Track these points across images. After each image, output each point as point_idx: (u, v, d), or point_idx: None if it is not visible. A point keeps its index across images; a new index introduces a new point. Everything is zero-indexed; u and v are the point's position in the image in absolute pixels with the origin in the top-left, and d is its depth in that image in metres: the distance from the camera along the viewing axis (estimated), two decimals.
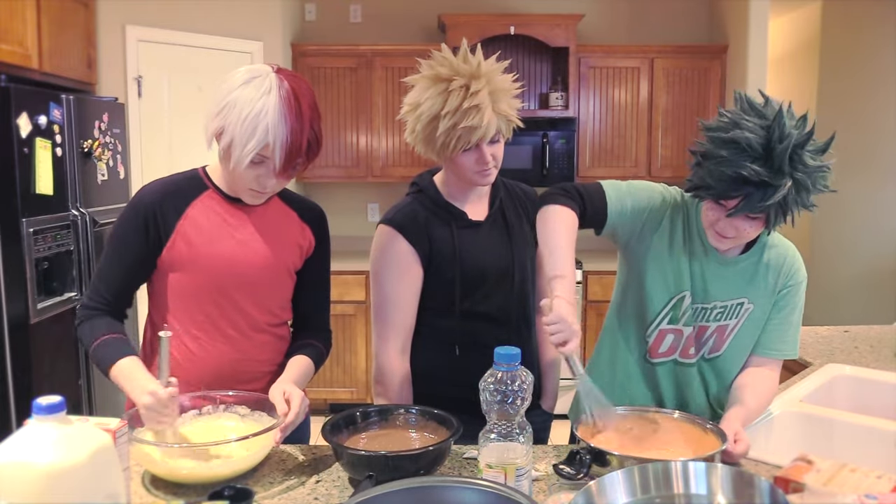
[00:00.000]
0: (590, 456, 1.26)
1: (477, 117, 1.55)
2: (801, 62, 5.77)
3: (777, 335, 1.59)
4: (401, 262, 1.66)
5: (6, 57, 2.90)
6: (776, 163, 1.31)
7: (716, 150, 1.36)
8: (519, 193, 1.82)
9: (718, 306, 1.55)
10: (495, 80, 1.59)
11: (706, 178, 1.38)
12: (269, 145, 1.41)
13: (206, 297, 1.53)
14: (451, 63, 1.59)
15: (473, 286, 1.68)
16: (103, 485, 0.97)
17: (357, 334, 4.33)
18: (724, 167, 1.34)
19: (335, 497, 1.29)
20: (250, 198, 1.53)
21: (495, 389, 1.16)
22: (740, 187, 1.33)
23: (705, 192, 1.40)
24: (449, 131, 1.57)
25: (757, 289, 1.56)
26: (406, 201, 1.72)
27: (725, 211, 1.39)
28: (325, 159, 4.58)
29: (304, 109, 1.44)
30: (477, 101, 1.55)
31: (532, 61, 4.78)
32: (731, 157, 1.33)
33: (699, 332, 1.58)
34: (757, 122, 1.33)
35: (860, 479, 1.16)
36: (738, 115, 1.36)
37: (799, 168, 1.32)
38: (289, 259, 1.60)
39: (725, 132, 1.35)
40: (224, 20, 4.02)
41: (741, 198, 1.34)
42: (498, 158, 1.65)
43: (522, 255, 1.75)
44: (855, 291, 5.57)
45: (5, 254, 2.77)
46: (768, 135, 1.31)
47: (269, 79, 1.42)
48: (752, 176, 1.31)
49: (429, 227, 1.67)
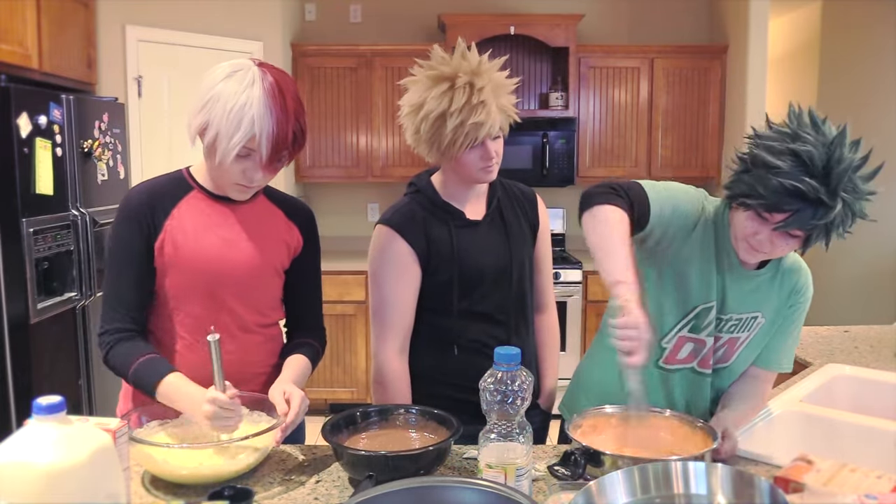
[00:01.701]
0: (584, 457, 1.26)
1: (483, 113, 1.56)
2: (801, 62, 5.77)
3: (778, 349, 1.59)
4: (399, 262, 1.66)
5: (6, 57, 2.90)
6: (833, 183, 1.28)
7: (772, 158, 1.31)
8: (517, 193, 1.82)
9: (734, 318, 1.54)
10: (495, 76, 1.61)
11: (756, 187, 1.32)
12: (255, 137, 1.40)
13: (195, 298, 1.52)
14: (452, 61, 1.60)
15: (472, 286, 1.68)
16: (103, 485, 0.97)
17: (357, 334, 4.33)
18: (781, 178, 1.29)
19: (335, 497, 1.29)
20: (237, 193, 1.52)
21: (495, 389, 1.16)
22: (794, 201, 1.29)
23: (753, 202, 1.34)
24: (457, 129, 1.57)
25: (770, 303, 1.55)
26: (404, 201, 1.72)
27: (768, 224, 1.34)
28: (325, 159, 4.59)
29: (289, 101, 1.43)
30: (483, 96, 1.56)
31: (532, 61, 4.78)
32: (790, 169, 1.29)
33: (713, 343, 1.57)
34: (818, 138, 1.30)
35: (860, 479, 1.16)
36: (798, 128, 1.32)
37: (850, 192, 1.30)
38: (276, 257, 1.59)
39: (786, 142, 1.31)
40: (224, 20, 4.02)
41: (792, 213, 1.30)
42: (500, 154, 1.66)
43: (521, 254, 1.75)
44: (855, 291, 5.57)
45: (5, 254, 2.77)
46: (829, 153, 1.28)
47: (252, 72, 1.42)
48: (809, 192, 1.27)
49: (427, 227, 1.67)
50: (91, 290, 3.25)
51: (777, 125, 1.37)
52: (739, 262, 1.50)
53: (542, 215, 1.84)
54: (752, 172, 1.35)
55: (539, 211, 1.83)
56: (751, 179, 1.34)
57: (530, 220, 1.81)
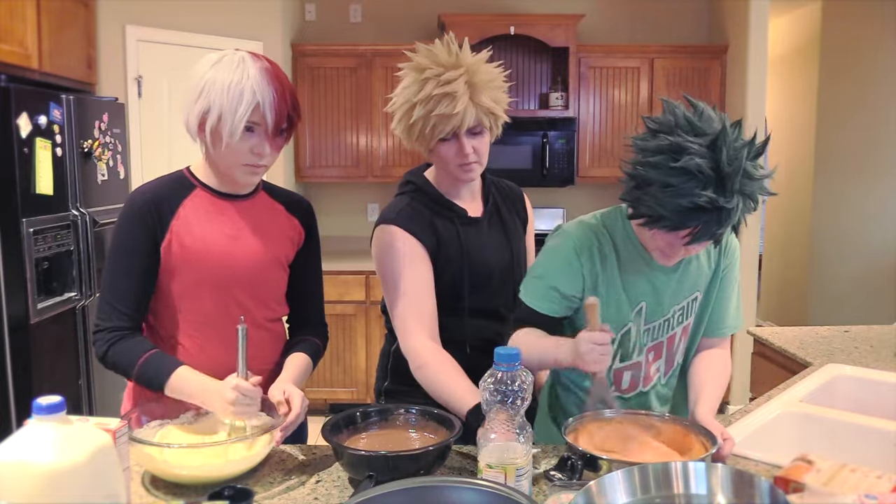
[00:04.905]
0: (581, 462, 1.25)
1: (450, 105, 1.53)
2: (801, 62, 5.77)
3: (724, 313, 1.60)
4: (411, 253, 1.61)
5: (6, 57, 2.90)
6: (728, 185, 1.25)
7: (663, 178, 1.26)
8: (506, 189, 1.82)
9: (676, 310, 1.55)
10: (476, 71, 1.56)
11: (656, 209, 1.29)
12: (259, 105, 1.43)
13: (203, 294, 1.52)
14: (430, 53, 1.59)
15: (481, 283, 1.67)
16: (103, 485, 0.97)
17: (357, 334, 4.32)
18: (676, 198, 1.25)
19: (335, 497, 1.29)
20: (246, 175, 1.51)
21: (495, 389, 1.16)
22: (696, 216, 1.26)
23: (658, 224, 1.31)
24: (423, 118, 1.56)
25: (702, 278, 1.56)
26: (404, 200, 1.68)
27: (679, 238, 1.34)
28: (325, 159, 4.59)
29: (280, 75, 1.47)
30: (450, 88, 1.53)
31: (532, 61, 4.78)
32: (682, 186, 1.24)
33: (669, 343, 1.57)
34: (699, 141, 1.25)
35: (860, 479, 1.16)
36: (680, 138, 1.26)
37: (746, 182, 1.27)
38: (281, 251, 1.60)
39: (672, 160, 1.25)
40: (224, 20, 4.02)
41: (697, 226, 1.29)
42: (480, 152, 1.62)
43: (519, 251, 1.76)
44: (855, 291, 5.57)
45: (5, 254, 2.77)
46: (716, 156, 1.24)
47: (238, 54, 1.46)
48: (707, 204, 1.24)
49: (434, 225, 1.64)
50: (91, 290, 3.25)
51: (654, 126, 1.32)
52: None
53: (529, 211, 1.86)
54: (645, 191, 1.30)
55: (527, 206, 1.86)
56: (649, 200, 1.30)
57: (521, 216, 1.83)
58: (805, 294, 5.72)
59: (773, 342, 2.39)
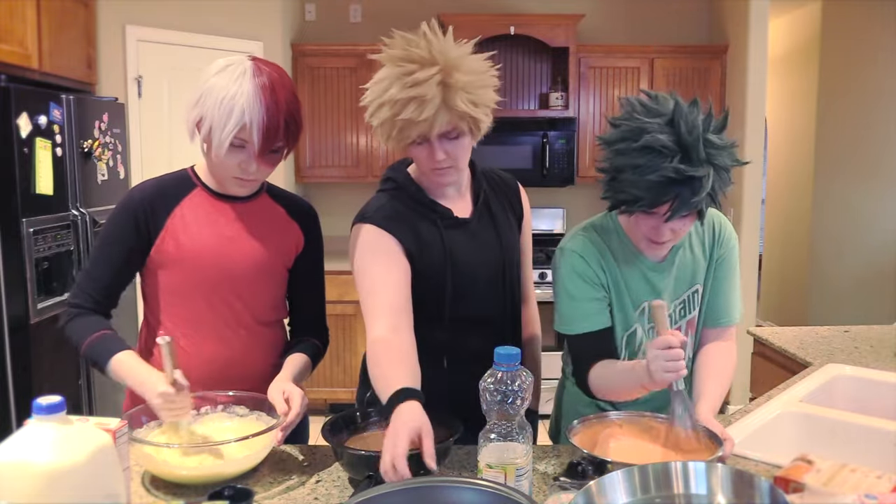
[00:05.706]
0: (591, 466, 1.25)
1: (417, 110, 1.36)
2: (801, 62, 5.77)
3: (725, 302, 1.61)
4: (384, 249, 1.48)
5: (6, 57, 2.90)
6: (693, 154, 1.31)
7: (630, 161, 1.34)
8: (499, 181, 1.67)
9: (677, 305, 1.57)
10: (455, 69, 1.38)
11: (632, 191, 1.35)
12: (245, 126, 1.41)
13: (197, 294, 1.53)
14: (406, 45, 1.41)
15: (465, 291, 1.54)
16: (103, 485, 0.97)
17: (357, 334, 4.32)
18: (646, 175, 1.32)
19: (335, 497, 1.29)
20: (236, 187, 1.53)
21: (495, 389, 1.16)
22: (669, 189, 1.32)
23: (636, 206, 1.37)
24: (389, 122, 1.41)
25: (700, 269, 1.58)
26: (383, 198, 1.55)
27: (659, 217, 1.38)
28: (325, 159, 4.59)
29: (280, 92, 1.44)
30: (418, 91, 1.35)
31: (532, 61, 4.78)
32: (650, 163, 1.31)
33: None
34: (658, 120, 1.32)
35: (860, 479, 1.16)
36: (638, 122, 1.34)
37: (712, 152, 1.32)
38: (278, 255, 1.60)
39: (634, 141, 1.33)
40: (224, 20, 4.02)
41: (672, 199, 1.33)
42: (455, 156, 1.46)
43: (511, 253, 1.62)
44: (855, 291, 5.57)
45: (5, 254, 2.77)
46: (676, 129, 1.31)
47: (244, 65, 1.44)
48: (677, 175, 1.30)
49: (415, 227, 1.51)
50: None
51: (615, 120, 1.40)
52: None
53: (525, 204, 1.71)
54: (619, 179, 1.37)
55: (522, 199, 1.70)
56: (624, 185, 1.37)
57: (515, 211, 1.67)
58: (805, 294, 5.72)
59: (773, 342, 2.39)
